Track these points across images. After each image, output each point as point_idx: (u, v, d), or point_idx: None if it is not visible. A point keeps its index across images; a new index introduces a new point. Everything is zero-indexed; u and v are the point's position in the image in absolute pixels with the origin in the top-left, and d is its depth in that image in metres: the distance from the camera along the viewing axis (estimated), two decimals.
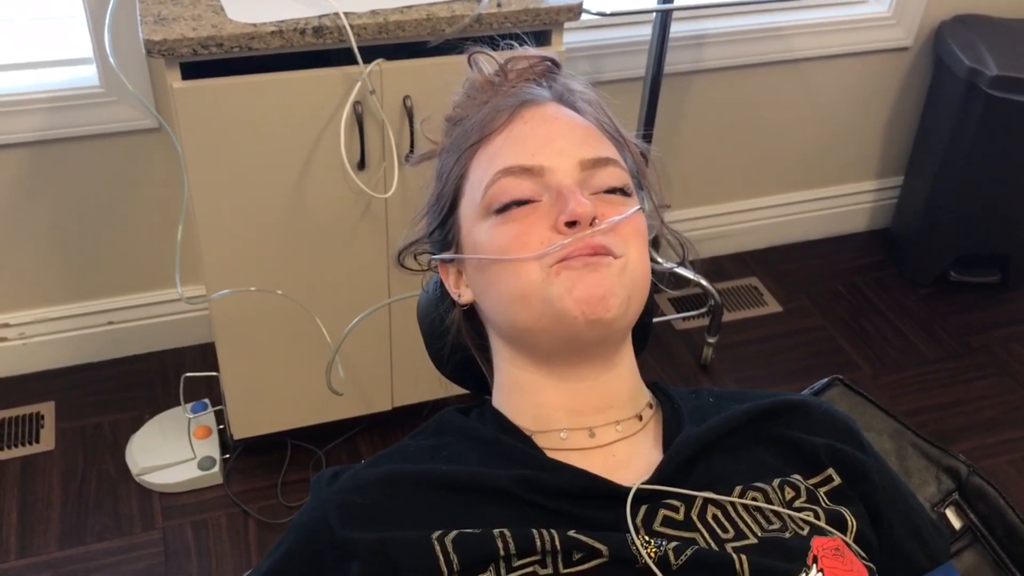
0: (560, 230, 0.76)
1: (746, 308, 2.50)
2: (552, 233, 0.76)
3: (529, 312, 0.77)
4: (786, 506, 0.76)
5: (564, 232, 0.76)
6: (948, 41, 2.38)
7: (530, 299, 0.77)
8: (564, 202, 0.76)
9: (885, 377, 2.32)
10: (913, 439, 0.99)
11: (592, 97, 0.88)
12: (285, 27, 1.50)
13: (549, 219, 0.77)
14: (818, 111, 2.54)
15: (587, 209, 0.75)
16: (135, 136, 1.97)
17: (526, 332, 0.79)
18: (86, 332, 2.18)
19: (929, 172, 2.52)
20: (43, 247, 2.05)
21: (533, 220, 0.77)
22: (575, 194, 0.76)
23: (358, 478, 0.77)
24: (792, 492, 0.77)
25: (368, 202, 1.71)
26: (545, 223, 0.77)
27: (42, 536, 1.84)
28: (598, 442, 0.80)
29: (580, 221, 0.76)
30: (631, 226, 0.79)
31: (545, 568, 0.69)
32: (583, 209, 0.75)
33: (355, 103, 1.59)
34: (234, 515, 1.91)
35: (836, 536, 0.74)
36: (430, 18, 1.56)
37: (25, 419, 2.08)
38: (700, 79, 2.35)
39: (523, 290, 0.77)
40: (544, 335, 0.78)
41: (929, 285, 2.61)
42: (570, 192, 0.77)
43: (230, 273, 1.71)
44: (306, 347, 1.83)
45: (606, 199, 0.79)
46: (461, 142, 0.85)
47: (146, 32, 1.47)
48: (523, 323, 0.78)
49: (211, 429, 2.02)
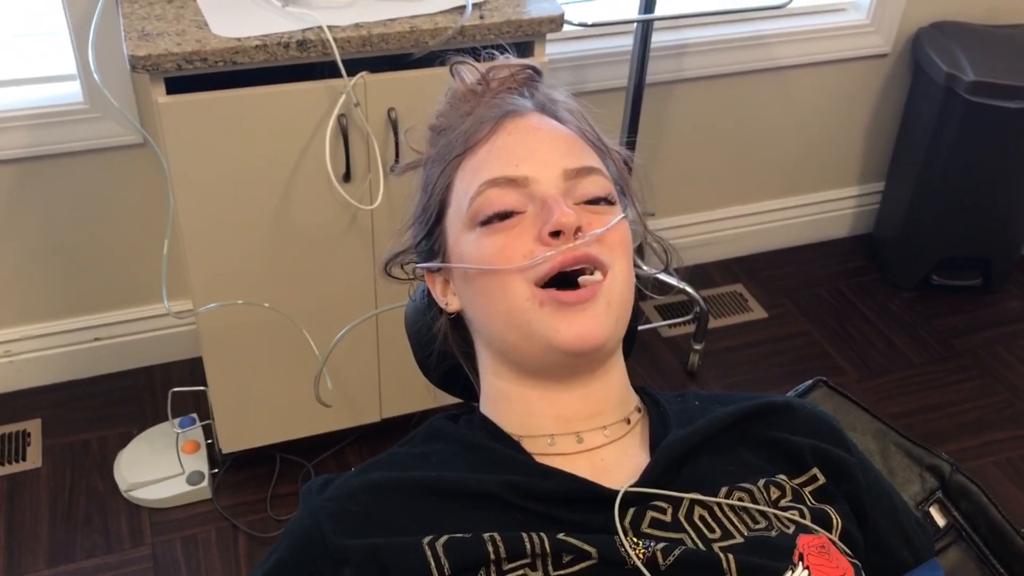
0: (545, 241, 0.77)
1: (731, 314, 2.51)
2: (537, 244, 0.77)
3: (515, 332, 0.78)
4: (772, 505, 0.77)
5: (549, 243, 0.77)
6: (926, 47, 2.41)
7: (514, 317, 0.78)
8: (548, 212, 0.77)
9: (870, 381, 2.33)
10: (896, 439, 1.00)
11: (574, 106, 0.89)
12: (269, 41, 1.51)
13: (534, 230, 0.78)
14: (799, 118, 2.56)
15: (571, 219, 0.76)
16: (120, 152, 1.97)
17: (512, 349, 0.80)
18: (72, 348, 2.18)
19: (910, 177, 2.54)
20: (28, 263, 2.05)
21: (518, 231, 0.78)
22: (559, 204, 0.77)
23: (348, 486, 0.77)
24: (777, 492, 0.78)
25: (354, 214, 1.72)
26: (530, 234, 0.78)
27: (30, 555, 1.83)
28: (586, 446, 0.80)
29: (564, 231, 0.76)
30: (616, 236, 0.80)
31: (535, 571, 0.70)
32: (567, 219, 0.76)
33: (340, 116, 1.60)
34: (224, 529, 1.91)
35: (822, 534, 0.75)
36: (413, 31, 1.57)
37: (11, 437, 2.07)
38: (682, 88, 2.37)
39: (508, 305, 0.78)
40: (530, 355, 0.79)
41: (912, 289, 2.63)
42: (554, 202, 0.77)
43: (217, 287, 1.71)
44: (294, 359, 1.83)
45: (590, 209, 0.80)
46: (445, 153, 0.85)
47: (130, 48, 1.47)
48: (509, 340, 0.79)
49: (199, 444, 2.01)
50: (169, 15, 1.57)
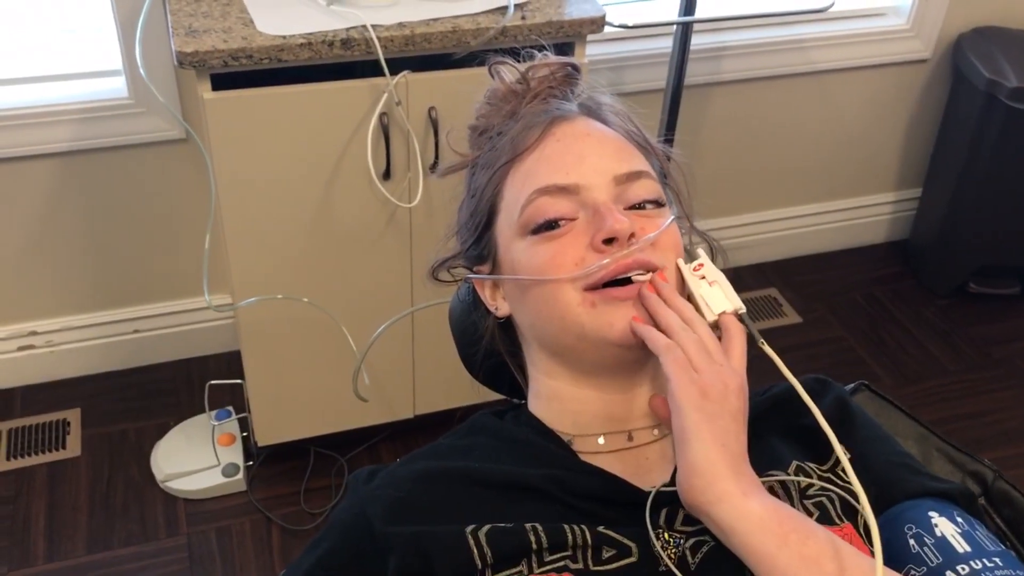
0: (598, 248, 0.77)
1: (765, 319, 2.51)
2: (589, 252, 0.78)
3: (569, 335, 0.79)
4: (800, 494, 0.78)
5: (602, 250, 0.77)
6: (967, 53, 2.39)
7: (567, 322, 0.78)
8: (601, 219, 0.77)
9: (905, 388, 2.32)
10: (938, 444, 1.00)
11: (619, 108, 0.89)
12: (314, 39, 1.52)
13: (586, 237, 0.78)
14: (837, 123, 2.55)
15: (624, 226, 0.77)
16: (163, 146, 2.00)
17: (568, 350, 0.81)
18: (112, 340, 2.21)
19: (948, 184, 2.52)
20: (71, 256, 2.08)
21: (570, 239, 0.79)
22: (612, 211, 0.77)
23: (394, 475, 0.79)
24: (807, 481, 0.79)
25: (393, 211, 1.73)
26: (582, 241, 0.78)
27: (69, 541, 1.87)
28: (635, 444, 0.81)
29: (618, 237, 0.77)
30: (668, 238, 0.80)
31: (576, 563, 0.71)
32: (620, 226, 0.76)
33: (381, 114, 1.61)
34: (257, 521, 1.93)
35: (846, 524, 0.76)
36: (456, 30, 1.58)
37: (52, 425, 2.11)
38: (720, 91, 2.37)
39: (560, 312, 0.78)
40: (585, 355, 0.80)
41: (948, 296, 2.61)
42: (607, 209, 0.78)
43: (257, 281, 1.73)
44: (330, 355, 1.85)
45: (641, 213, 0.81)
46: (493, 159, 0.86)
47: (178, 44, 1.49)
48: (564, 343, 0.80)
49: (235, 436, 2.04)
50: (215, 12, 1.59)
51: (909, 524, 0.78)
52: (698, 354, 0.73)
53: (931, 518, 0.78)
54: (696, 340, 0.74)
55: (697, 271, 0.80)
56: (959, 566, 0.73)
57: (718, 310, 0.78)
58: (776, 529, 0.67)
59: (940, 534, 0.76)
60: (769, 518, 0.68)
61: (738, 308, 0.79)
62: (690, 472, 0.70)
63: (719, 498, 0.69)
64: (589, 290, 0.77)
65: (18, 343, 2.15)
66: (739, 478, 0.69)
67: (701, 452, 0.69)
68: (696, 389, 0.71)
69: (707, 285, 0.80)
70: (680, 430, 0.71)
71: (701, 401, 0.70)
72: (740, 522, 0.68)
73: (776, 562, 0.67)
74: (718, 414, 0.71)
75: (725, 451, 0.70)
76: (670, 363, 0.72)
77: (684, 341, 0.73)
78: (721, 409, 0.71)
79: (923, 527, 0.77)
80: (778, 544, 0.67)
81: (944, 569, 0.74)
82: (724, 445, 0.70)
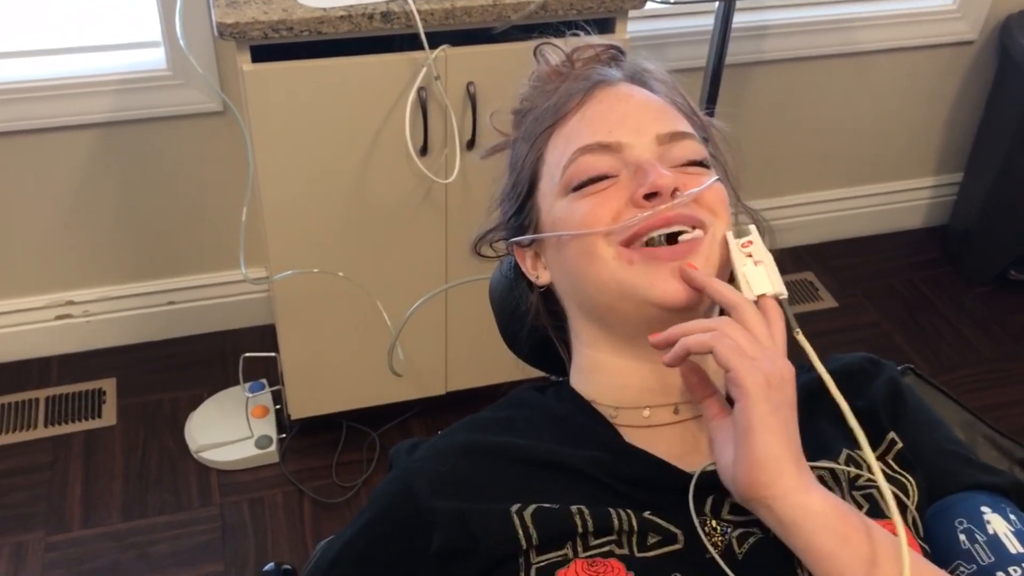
0: (639, 203, 0.76)
1: (801, 303, 2.48)
2: (628, 207, 0.76)
3: (607, 294, 0.77)
4: (849, 484, 0.76)
5: (643, 205, 0.76)
6: (1015, 35, 2.34)
7: (603, 278, 0.77)
8: (644, 175, 0.76)
9: (942, 375, 2.29)
10: (985, 430, 0.98)
11: (665, 77, 0.88)
12: (354, 12, 1.51)
13: (627, 192, 0.77)
14: (878, 105, 2.51)
15: (668, 180, 0.75)
16: (200, 119, 2.00)
17: (608, 312, 0.79)
18: (147, 311, 2.23)
19: (991, 169, 2.48)
20: (108, 227, 2.10)
21: (611, 193, 0.78)
22: (655, 167, 0.76)
23: (437, 448, 0.78)
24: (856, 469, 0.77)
25: (429, 187, 1.73)
26: (623, 196, 0.77)
27: (105, 508, 1.89)
28: (681, 417, 0.80)
29: (661, 192, 0.75)
30: (714, 195, 0.79)
31: (621, 548, 0.70)
32: (663, 180, 0.75)
33: (420, 88, 1.60)
34: (290, 493, 1.94)
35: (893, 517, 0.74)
36: (496, 4, 1.56)
37: (88, 395, 2.13)
38: (761, 70, 2.33)
39: (596, 268, 0.77)
40: (626, 315, 0.78)
41: (987, 284, 2.57)
42: (650, 165, 0.76)
43: (293, 255, 1.73)
44: (365, 329, 1.85)
45: (686, 171, 0.79)
46: (534, 128, 0.85)
47: (219, 15, 1.49)
48: (603, 301, 0.79)
49: (268, 408, 2.05)
50: None
51: (960, 519, 0.76)
52: (752, 340, 0.70)
53: (983, 514, 0.76)
54: (750, 320, 0.71)
55: (745, 247, 0.78)
56: (1011, 568, 0.72)
57: (758, 291, 0.75)
58: (839, 527, 0.66)
59: (992, 532, 0.74)
60: (831, 515, 0.66)
61: (779, 293, 0.76)
62: (752, 466, 0.67)
63: (783, 493, 0.66)
64: (626, 246, 0.76)
65: (55, 312, 2.17)
66: (801, 473, 0.67)
67: (766, 446, 0.66)
68: (762, 377, 0.67)
69: (752, 264, 0.77)
70: (746, 421, 0.67)
71: (767, 391, 0.67)
72: (804, 520, 0.66)
73: (836, 561, 0.65)
74: (780, 404, 0.68)
75: (790, 444, 0.68)
76: (725, 349, 0.68)
77: (737, 323, 0.71)
78: (782, 399, 0.68)
79: (975, 523, 0.75)
80: (840, 543, 0.65)
81: (995, 569, 0.72)
82: (789, 438, 0.68)
